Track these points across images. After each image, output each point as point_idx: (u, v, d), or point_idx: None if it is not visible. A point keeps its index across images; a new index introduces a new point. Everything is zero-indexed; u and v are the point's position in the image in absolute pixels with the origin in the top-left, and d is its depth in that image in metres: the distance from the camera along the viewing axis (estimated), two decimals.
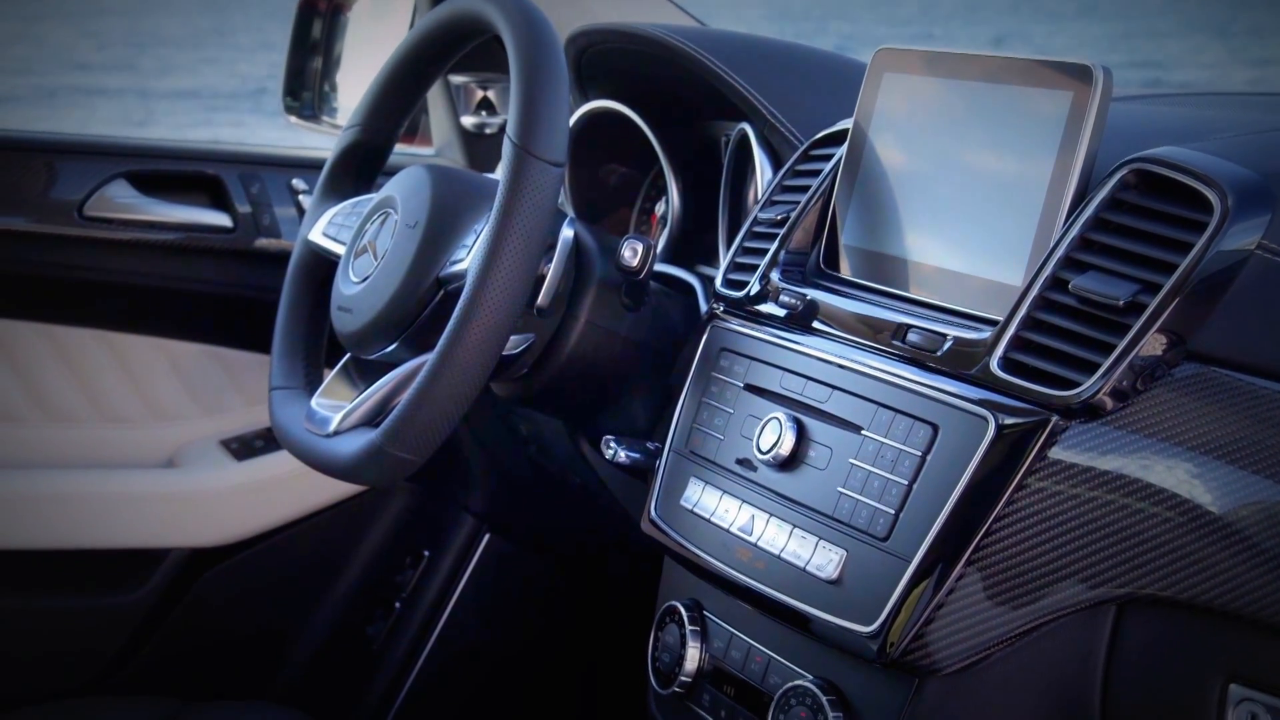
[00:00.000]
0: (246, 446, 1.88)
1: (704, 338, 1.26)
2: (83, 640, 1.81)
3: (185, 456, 1.85)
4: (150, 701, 1.56)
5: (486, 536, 1.98)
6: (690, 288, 1.42)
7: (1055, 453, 0.96)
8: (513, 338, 1.33)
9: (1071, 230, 0.99)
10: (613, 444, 1.33)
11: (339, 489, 1.91)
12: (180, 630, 1.88)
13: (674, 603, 1.22)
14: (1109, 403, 0.95)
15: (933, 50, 1.13)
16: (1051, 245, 1.00)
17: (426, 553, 1.99)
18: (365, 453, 1.22)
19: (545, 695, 2.02)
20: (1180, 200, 0.96)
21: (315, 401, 1.35)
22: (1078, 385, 0.95)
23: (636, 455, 1.32)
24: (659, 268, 1.45)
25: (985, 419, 0.98)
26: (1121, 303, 0.94)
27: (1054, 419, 0.96)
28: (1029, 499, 0.97)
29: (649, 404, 1.38)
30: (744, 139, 1.43)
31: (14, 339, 1.79)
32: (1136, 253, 0.96)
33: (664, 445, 1.26)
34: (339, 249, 1.40)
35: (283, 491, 1.87)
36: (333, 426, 1.29)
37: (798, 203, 1.23)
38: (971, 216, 1.07)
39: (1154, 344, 0.94)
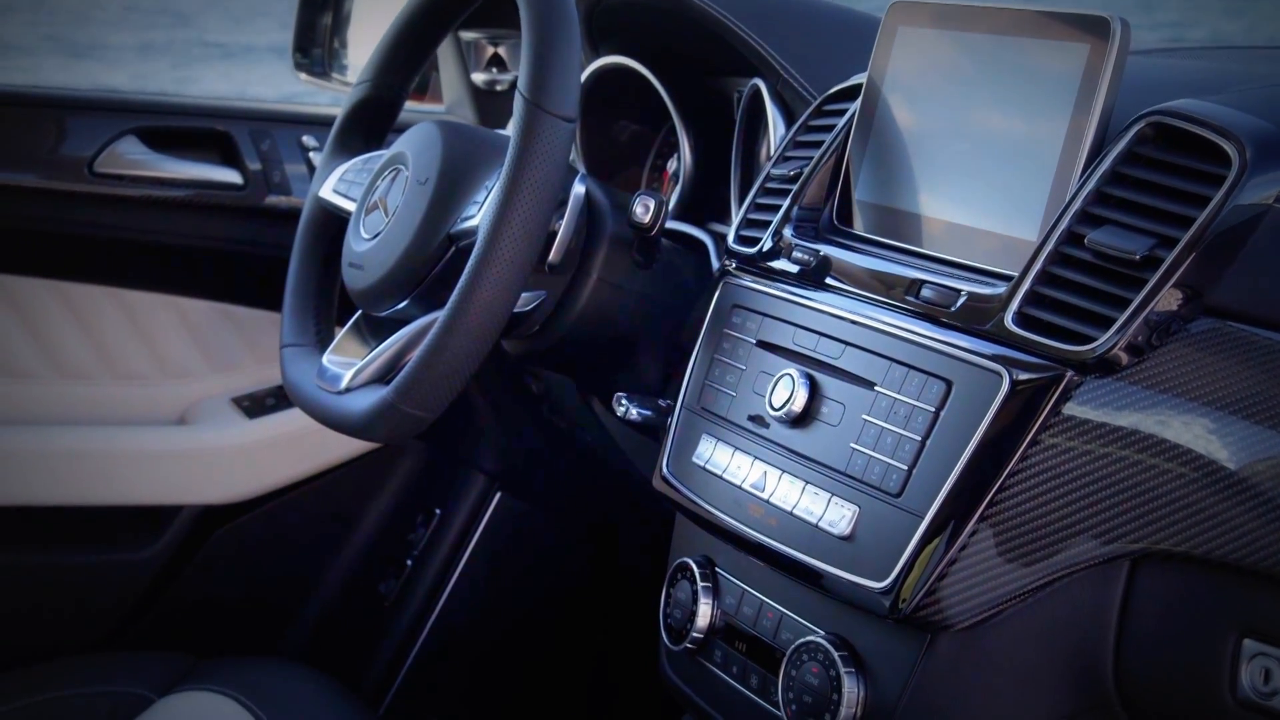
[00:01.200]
0: (258, 404, 1.88)
1: (716, 294, 1.25)
2: (95, 596, 1.82)
3: (197, 414, 1.86)
4: (163, 657, 1.57)
5: (498, 495, 1.98)
6: (702, 245, 1.42)
7: (1069, 409, 0.96)
8: (524, 295, 1.33)
9: (1087, 185, 0.99)
10: (624, 401, 1.33)
11: (350, 447, 1.91)
12: (192, 587, 1.88)
13: (686, 559, 1.22)
14: (1124, 358, 0.94)
15: (947, 3, 1.12)
16: (1067, 200, 0.99)
17: (438, 511, 1.99)
18: (376, 409, 1.22)
19: (557, 652, 2.03)
20: (1198, 154, 0.95)
21: (326, 359, 1.35)
22: (1093, 340, 0.94)
23: (648, 412, 1.32)
24: (670, 225, 1.45)
25: (999, 374, 0.98)
26: (1137, 257, 0.94)
27: (1068, 374, 0.96)
28: (1043, 455, 0.97)
29: (660, 361, 1.38)
30: (756, 94, 1.42)
31: (26, 296, 1.79)
32: (1153, 207, 0.95)
33: (675, 402, 1.25)
34: (350, 206, 1.40)
35: (294, 449, 1.88)
36: (344, 383, 1.29)
37: (811, 158, 1.22)
38: (986, 171, 1.07)
39: (1169, 299, 0.93)
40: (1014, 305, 0.99)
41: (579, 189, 1.31)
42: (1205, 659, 0.93)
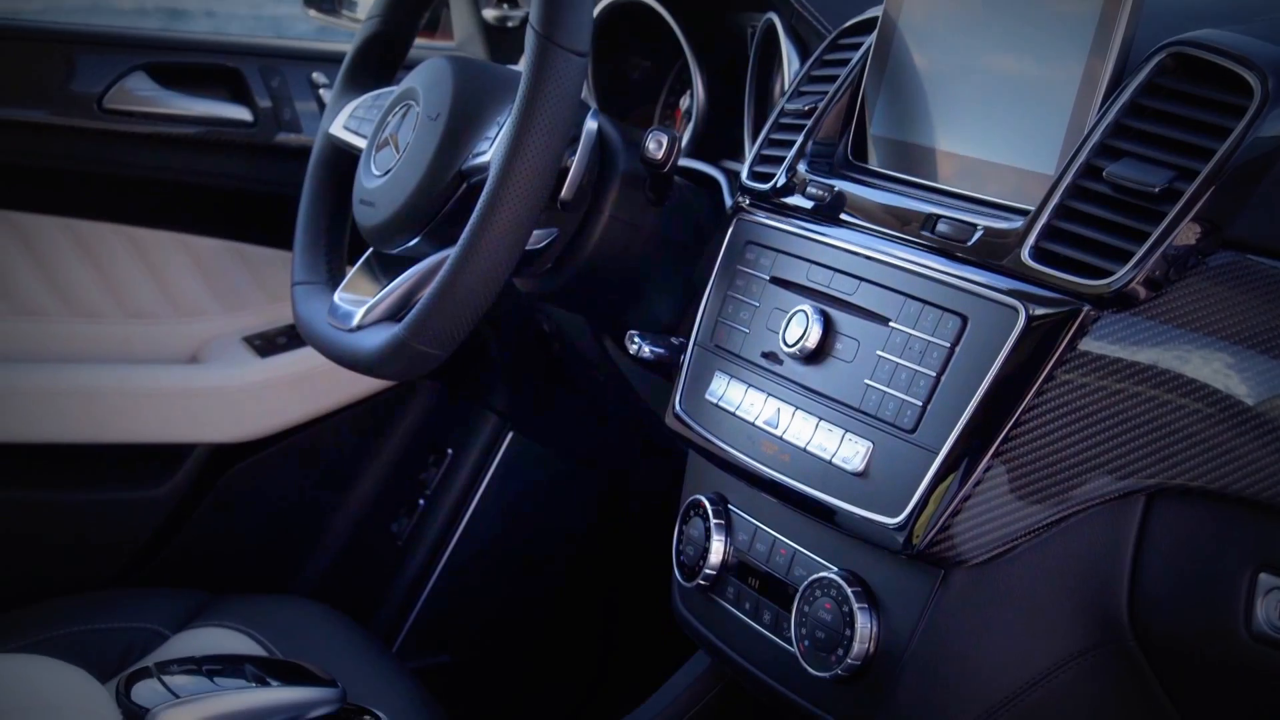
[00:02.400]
0: (269, 343, 1.88)
1: (729, 231, 1.24)
2: (109, 533, 1.83)
3: (208, 353, 1.85)
4: (178, 594, 1.58)
5: (509, 435, 1.98)
6: (715, 183, 1.41)
7: (1086, 344, 0.95)
8: (536, 232, 1.32)
9: (1107, 116, 0.97)
10: (636, 339, 1.32)
11: (362, 386, 1.91)
12: (206, 525, 1.89)
13: (698, 496, 1.22)
14: (1142, 292, 0.93)
15: None
16: (1085, 132, 0.98)
17: (450, 451, 1.99)
18: (388, 347, 1.22)
19: (568, 591, 2.03)
20: (1219, 85, 0.94)
21: (338, 296, 1.34)
22: (1110, 275, 0.93)
23: (660, 350, 1.32)
24: (683, 162, 1.44)
25: (1015, 309, 0.97)
26: (1157, 190, 0.93)
27: (1085, 309, 0.95)
28: (1058, 391, 0.96)
29: (673, 300, 1.37)
30: (770, 29, 1.40)
31: (36, 233, 1.79)
32: (1173, 139, 0.94)
33: (688, 340, 1.25)
34: (360, 142, 1.39)
35: (306, 388, 1.88)
36: (356, 321, 1.29)
37: (825, 93, 1.21)
38: (1003, 104, 1.05)
39: (1188, 232, 0.92)
40: (1031, 239, 0.98)
41: (591, 125, 1.29)
42: (1221, 594, 0.92)
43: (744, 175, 1.26)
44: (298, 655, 1.08)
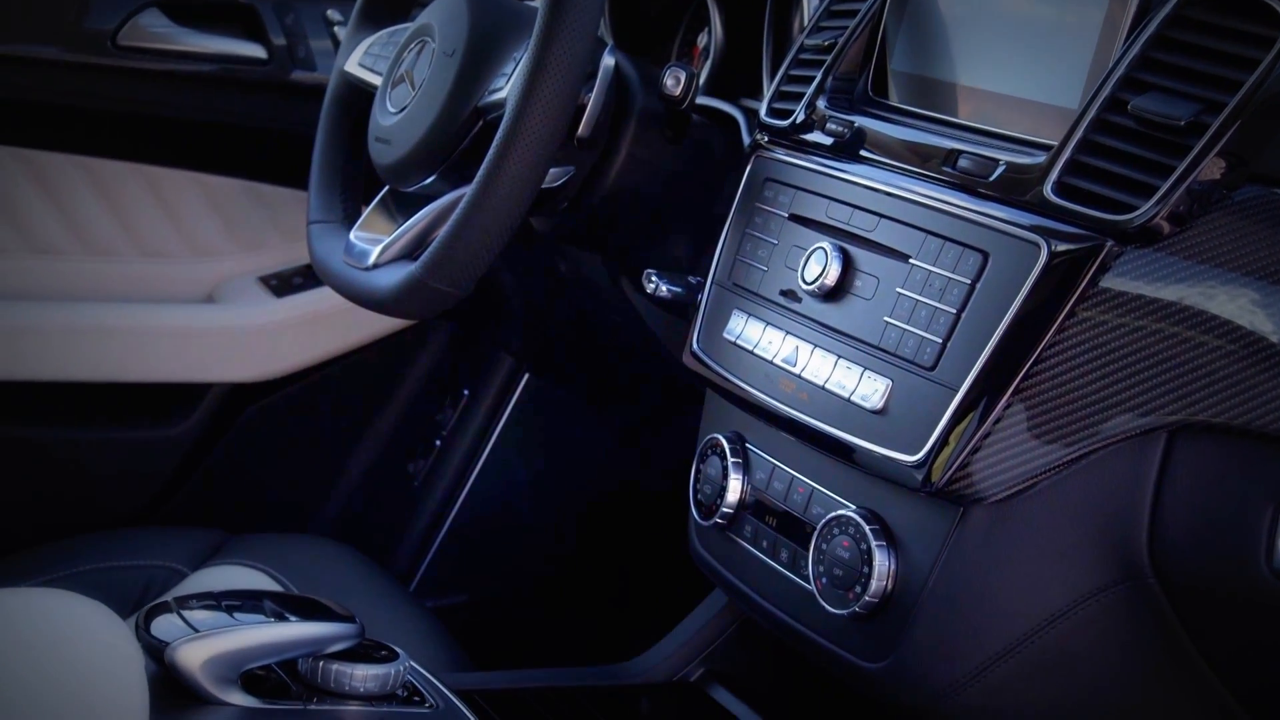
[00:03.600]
0: (285, 283, 1.88)
1: (748, 168, 1.23)
2: (127, 472, 1.84)
3: (224, 293, 1.85)
4: (196, 532, 1.59)
5: (525, 376, 1.98)
6: (733, 122, 1.39)
7: (1108, 280, 0.94)
8: (552, 170, 1.31)
9: (1132, 49, 0.96)
10: (654, 278, 1.32)
11: (377, 327, 1.91)
12: (224, 464, 1.90)
13: (716, 435, 1.22)
14: (1166, 227, 0.92)
15: None
16: (1110, 65, 0.97)
17: (466, 392, 1.99)
18: (404, 285, 1.22)
19: (585, 531, 2.04)
20: (1247, 16, 0.92)
21: (354, 235, 1.34)
22: (1134, 209, 0.92)
23: (677, 289, 1.31)
24: (701, 101, 1.42)
25: (1037, 245, 0.96)
26: (1182, 123, 0.91)
27: (1109, 244, 0.94)
28: (1080, 328, 0.95)
29: (690, 239, 1.37)
30: None
31: (52, 171, 1.79)
32: (1199, 71, 0.93)
33: (706, 278, 1.24)
34: (375, 80, 1.38)
35: (322, 328, 1.88)
36: (372, 259, 1.29)
37: (845, 28, 1.19)
38: (1027, 37, 1.04)
39: (1213, 167, 0.91)
40: (1054, 174, 0.97)
41: (608, 61, 1.28)
42: (1242, 530, 0.92)
43: (763, 112, 1.25)
44: (315, 593, 1.09)
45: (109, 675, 0.85)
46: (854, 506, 1.08)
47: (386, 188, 1.37)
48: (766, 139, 1.23)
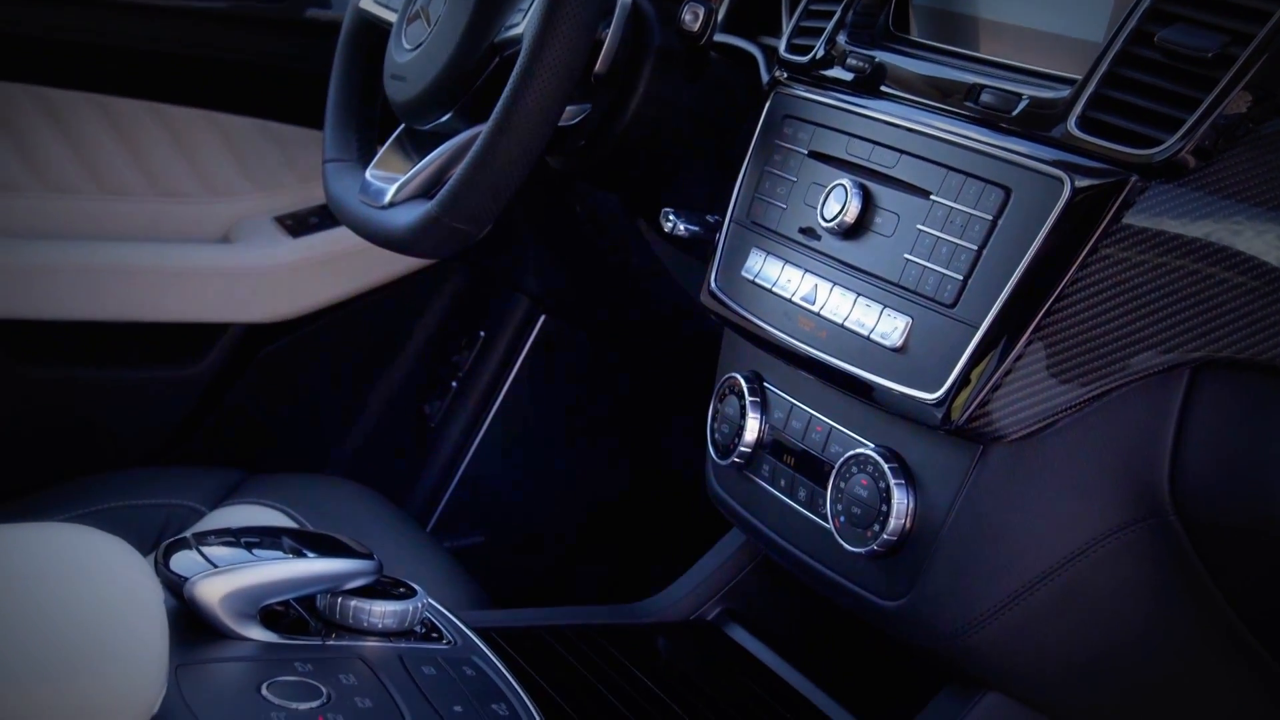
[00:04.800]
0: (301, 223, 1.87)
1: (767, 105, 1.22)
2: (145, 412, 1.84)
3: (240, 232, 1.85)
4: (214, 472, 1.59)
5: (542, 318, 1.98)
6: (752, 60, 1.38)
7: (1132, 217, 0.93)
8: (569, 108, 1.30)
9: None
10: (671, 216, 1.31)
11: (393, 268, 1.90)
12: (240, 405, 1.90)
13: (733, 374, 1.21)
14: (1191, 161, 0.91)
15: None
16: None
17: (482, 333, 1.99)
18: (421, 223, 1.21)
19: (601, 472, 2.04)
20: None
21: (370, 173, 1.34)
22: (1159, 143, 0.91)
23: (695, 227, 1.30)
24: (719, 38, 1.41)
25: (1060, 180, 0.95)
26: (1209, 55, 0.90)
27: (1133, 179, 0.93)
28: (1103, 265, 0.94)
29: (708, 177, 1.36)
30: None
31: (67, 109, 1.78)
32: (1226, 2, 0.91)
33: (724, 217, 1.23)
34: (391, 16, 1.37)
35: (338, 269, 1.87)
36: (388, 198, 1.28)
37: None
38: None
39: (1241, 100, 0.90)
40: (1078, 108, 0.96)
41: None
42: (1264, 466, 0.91)
43: (782, 48, 1.23)
44: (333, 531, 1.09)
45: (129, 609, 0.85)
46: (872, 445, 1.07)
47: (402, 125, 1.36)
48: (786, 75, 1.22)
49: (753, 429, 1.18)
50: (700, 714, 1.17)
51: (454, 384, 1.99)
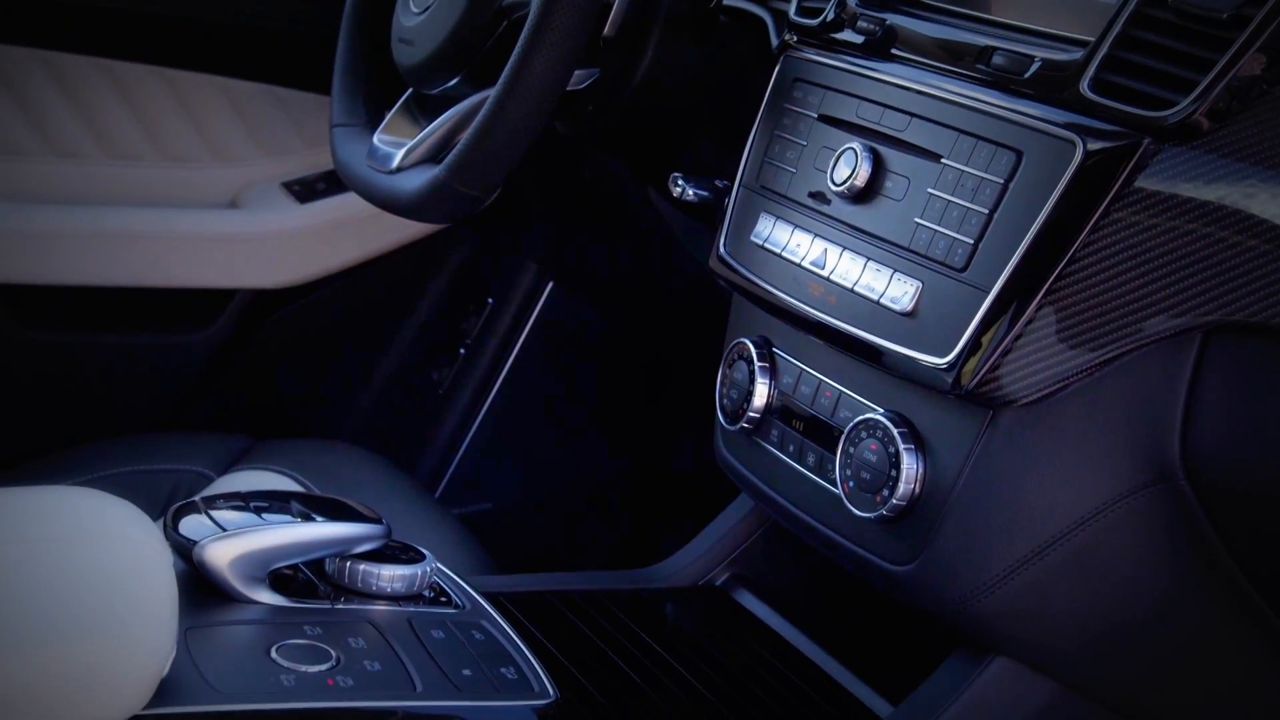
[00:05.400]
0: (308, 189, 1.86)
1: (776, 69, 1.22)
2: (153, 377, 1.84)
3: (247, 198, 1.84)
4: (222, 438, 1.59)
5: (550, 285, 1.97)
6: (761, 24, 1.37)
7: (1144, 180, 0.93)
8: (577, 73, 1.29)
9: None
10: (680, 181, 1.31)
11: (401, 234, 1.90)
12: (248, 371, 1.90)
13: (742, 339, 1.21)
14: (1205, 124, 0.90)
15: None
16: None
17: (490, 300, 1.99)
18: (429, 188, 1.21)
19: (610, 438, 2.04)
20: None
21: (377, 138, 1.33)
22: (1173, 105, 0.91)
23: (704, 192, 1.30)
24: (728, 2, 1.40)
25: (1073, 143, 0.94)
26: (1224, 15, 0.89)
27: (1146, 142, 0.92)
28: (1115, 229, 0.94)
29: (717, 142, 1.35)
30: None
31: (74, 74, 1.77)
32: None
33: (733, 181, 1.23)
34: None
35: (345, 235, 1.87)
36: (395, 163, 1.28)
37: None
38: None
39: (1255, 61, 0.89)
40: (1090, 70, 0.95)
41: None
42: (1276, 430, 0.91)
43: (791, 11, 1.23)
44: (341, 496, 1.09)
45: (139, 572, 0.86)
46: (882, 410, 1.07)
47: (410, 90, 1.35)
48: (795, 39, 1.21)
49: (761, 394, 1.18)
50: (708, 679, 1.17)
51: (461, 351, 1.99)
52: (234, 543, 0.98)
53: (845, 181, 1.09)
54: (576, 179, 1.84)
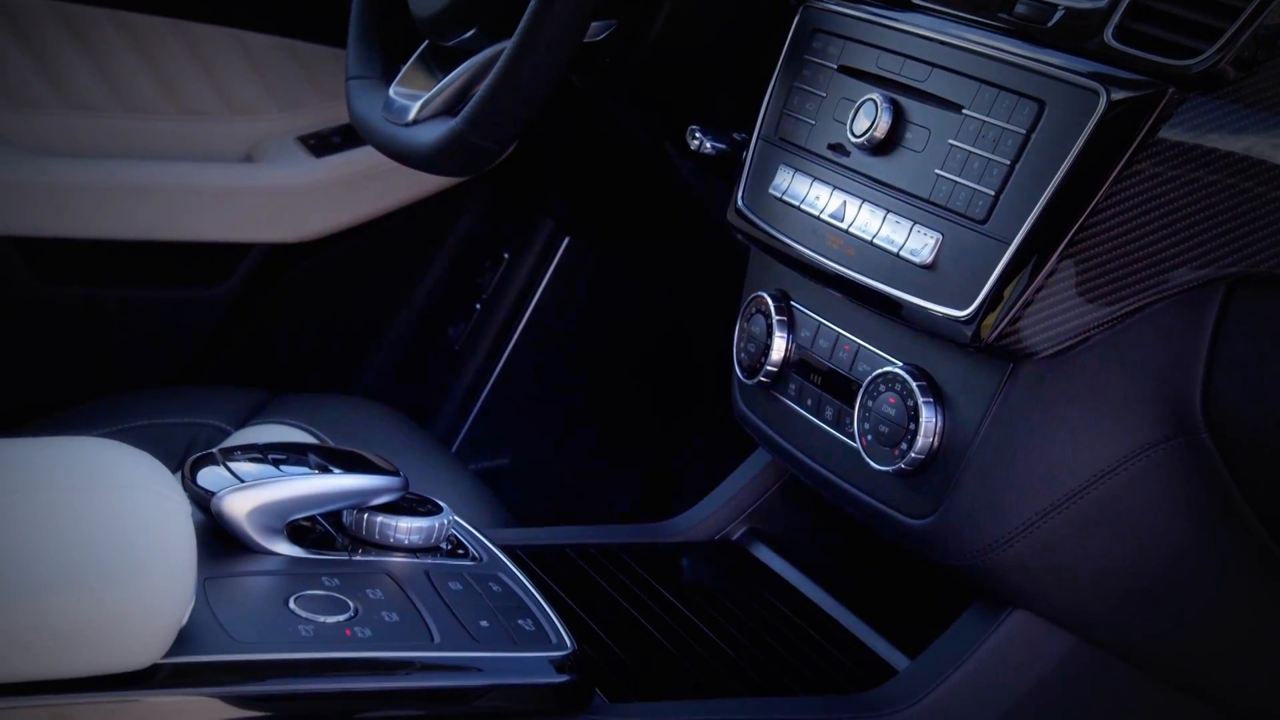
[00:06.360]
0: (324, 142, 1.86)
1: (796, 19, 1.20)
2: (170, 332, 1.84)
3: (263, 152, 1.84)
4: (239, 392, 1.59)
5: (566, 240, 1.97)
6: None
7: (1168, 131, 0.92)
8: (594, 24, 1.28)
9: None
10: (698, 134, 1.30)
11: (417, 188, 1.89)
12: (264, 326, 1.90)
13: (760, 293, 1.20)
14: (1231, 72, 0.89)
15: None
16: None
17: (506, 255, 1.98)
18: (445, 141, 1.20)
19: (627, 394, 2.04)
20: None
21: (393, 91, 1.32)
22: (1198, 54, 0.89)
23: (722, 145, 1.29)
24: None
25: (1096, 92, 0.93)
26: None
27: (1170, 91, 0.91)
28: (1138, 180, 0.93)
29: (735, 95, 1.34)
30: None
31: (89, 26, 1.76)
32: None
33: (751, 134, 1.22)
34: None
35: (361, 189, 1.86)
36: (412, 115, 1.27)
37: None
38: None
39: None
40: (1115, 18, 0.94)
41: None
42: None
43: None
44: (359, 449, 1.09)
45: (157, 521, 0.86)
46: (901, 363, 1.07)
47: (426, 42, 1.34)
48: None
49: (779, 348, 1.18)
50: (724, 632, 1.17)
51: (478, 306, 1.99)
52: (252, 494, 0.98)
53: (865, 133, 1.08)
54: (593, 133, 1.83)
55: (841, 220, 1.10)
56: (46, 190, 1.70)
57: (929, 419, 1.03)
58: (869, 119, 1.08)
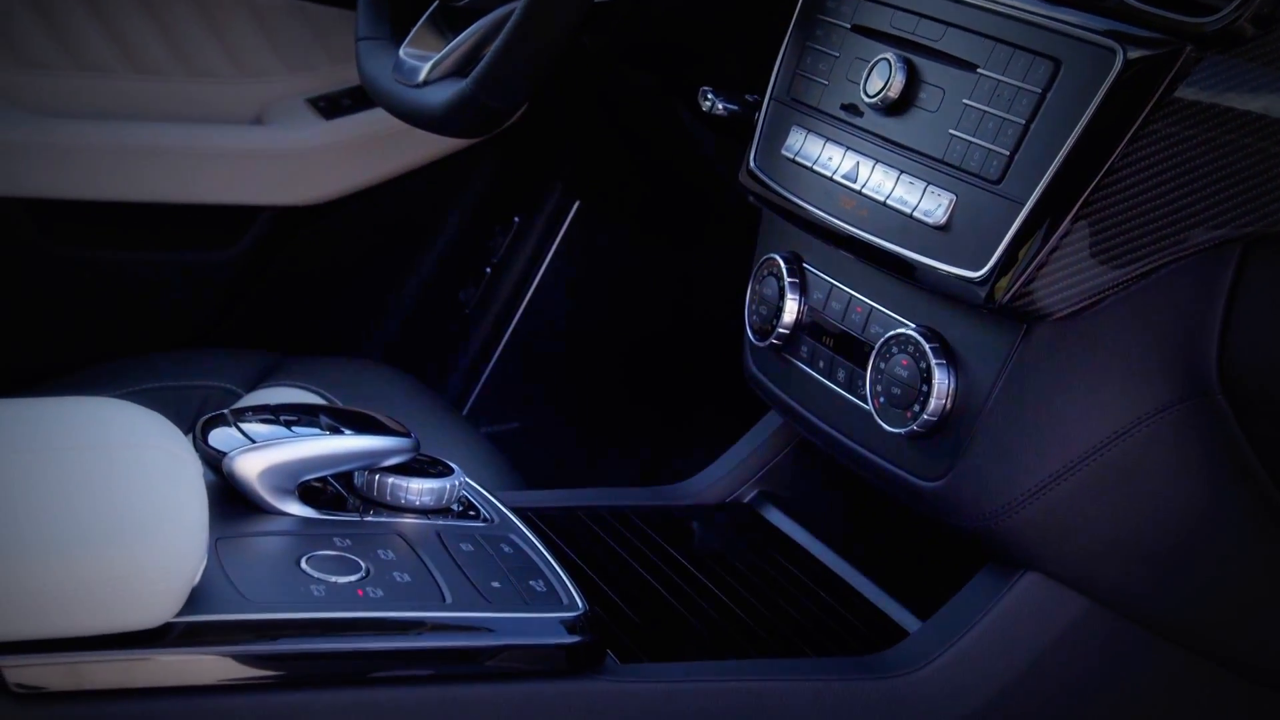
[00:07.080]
0: (334, 105, 1.85)
1: None
2: (179, 294, 1.84)
3: (272, 114, 1.83)
4: (250, 354, 1.59)
5: (576, 204, 1.96)
6: None
7: (1185, 90, 0.91)
8: None
9: None
10: (710, 95, 1.29)
11: (428, 149, 1.89)
12: (274, 289, 1.90)
13: (772, 255, 1.20)
14: (1249, 30, 0.89)
15: None
16: None
17: (516, 219, 1.98)
18: (455, 102, 1.20)
19: (638, 356, 2.04)
20: None
21: (403, 51, 1.32)
22: (1216, 11, 0.89)
23: (734, 106, 1.28)
24: None
25: (1112, 51, 0.92)
26: None
27: (1188, 49, 0.90)
28: (1154, 140, 0.92)
29: (747, 56, 1.33)
30: None
31: None
32: None
33: (764, 95, 1.21)
34: None
35: (371, 152, 1.85)
36: (422, 76, 1.27)
37: None
38: None
39: None
40: None
41: None
42: None
43: None
44: (370, 411, 1.09)
45: (169, 481, 0.86)
46: (913, 325, 1.06)
47: (436, 2, 1.34)
48: None
49: (791, 310, 1.17)
50: (735, 593, 1.17)
51: (487, 270, 1.99)
52: (263, 454, 0.98)
53: (878, 93, 1.07)
54: (604, 95, 1.83)
55: (854, 181, 1.09)
56: (56, 152, 1.69)
57: (942, 381, 1.03)
58: (883, 79, 1.07)
